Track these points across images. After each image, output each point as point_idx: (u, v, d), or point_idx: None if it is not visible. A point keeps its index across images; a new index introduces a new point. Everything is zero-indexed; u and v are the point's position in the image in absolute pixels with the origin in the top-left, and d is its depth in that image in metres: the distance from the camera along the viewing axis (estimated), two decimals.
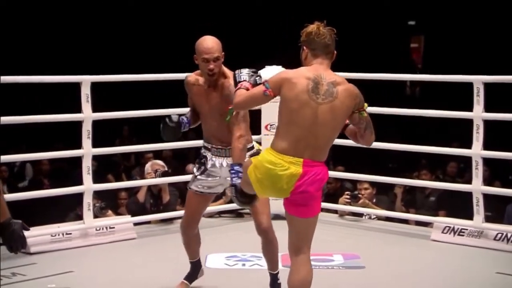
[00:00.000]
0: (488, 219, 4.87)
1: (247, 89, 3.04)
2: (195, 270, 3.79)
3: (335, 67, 3.11)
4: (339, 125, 2.95)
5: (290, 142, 2.88)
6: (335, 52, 2.99)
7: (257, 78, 3.13)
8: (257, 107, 5.23)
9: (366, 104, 2.97)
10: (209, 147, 3.56)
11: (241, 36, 12.02)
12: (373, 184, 5.69)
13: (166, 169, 5.49)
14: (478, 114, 4.62)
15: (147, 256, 4.50)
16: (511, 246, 4.55)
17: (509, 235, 4.59)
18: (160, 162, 5.62)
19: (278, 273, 3.58)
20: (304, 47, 2.97)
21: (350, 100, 2.90)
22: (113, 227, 4.83)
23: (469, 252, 4.60)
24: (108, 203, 5.41)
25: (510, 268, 4.20)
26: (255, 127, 5.36)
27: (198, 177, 3.57)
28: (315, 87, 2.87)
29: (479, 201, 4.66)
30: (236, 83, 3.12)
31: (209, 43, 3.41)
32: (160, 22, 12.90)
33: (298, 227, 2.97)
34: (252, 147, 3.50)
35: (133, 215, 5.18)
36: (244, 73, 3.13)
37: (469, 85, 4.67)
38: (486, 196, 4.75)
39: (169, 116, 3.61)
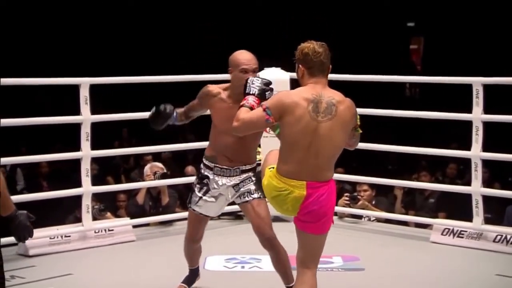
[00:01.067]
0: (487, 221, 4.86)
1: (252, 107, 2.98)
2: (194, 275, 3.79)
3: (335, 70, 3.12)
4: (340, 143, 2.91)
5: (293, 165, 2.87)
6: (330, 66, 2.97)
7: (267, 92, 3.07)
8: None
9: (358, 121, 2.98)
10: (211, 166, 3.45)
11: (241, 36, 12.02)
12: (372, 185, 5.68)
13: (165, 171, 5.48)
14: (477, 115, 4.61)
15: (146, 258, 4.49)
16: (510, 248, 4.55)
17: (508, 237, 4.59)
18: (159, 164, 5.62)
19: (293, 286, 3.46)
20: (300, 66, 2.94)
21: (350, 117, 2.90)
22: (112, 230, 4.82)
23: (469, 254, 4.59)
24: (107, 205, 5.40)
25: (509, 270, 4.19)
26: None
27: (204, 198, 3.47)
28: (315, 106, 2.85)
29: (478, 203, 4.65)
30: (244, 93, 3.06)
31: (248, 55, 3.39)
32: (159, 23, 12.90)
33: (306, 242, 2.96)
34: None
35: (132, 217, 5.17)
36: (256, 85, 3.06)
37: (469, 87, 4.67)
38: (486, 198, 4.74)
39: (164, 105, 3.57)
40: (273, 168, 2.95)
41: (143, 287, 3.94)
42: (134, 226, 5.00)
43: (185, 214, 5.44)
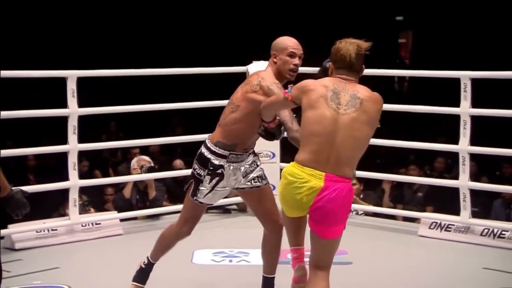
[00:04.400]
0: (475, 214, 4.89)
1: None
2: (149, 272, 3.58)
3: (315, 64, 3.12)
4: (364, 138, 2.82)
5: (311, 154, 2.79)
6: (363, 66, 2.91)
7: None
8: None
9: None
10: (225, 154, 3.27)
11: (240, 35, 12.00)
12: (360, 179, 5.69)
13: (152, 164, 5.46)
14: (465, 109, 4.62)
15: (133, 252, 4.46)
16: (497, 242, 4.57)
17: (495, 230, 4.61)
18: (146, 157, 5.59)
19: (274, 277, 3.49)
20: (330, 63, 2.93)
21: (377, 112, 2.84)
22: (99, 223, 4.80)
23: (456, 247, 4.61)
24: (93, 199, 5.38)
25: (496, 263, 4.21)
26: None
27: (215, 189, 3.28)
28: (335, 96, 2.79)
29: (466, 197, 4.67)
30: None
31: (294, 39, 3.27)
32: (150, 17, 12.84)
33: (318, 247, 2.90)
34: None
35: (119, 211, 5.15)
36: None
37: (457, 81, 4.68)
38: (473, 192, 4.75)
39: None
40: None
41: (130, 280, 3.92)
42: (122, 220, 4.99)
43: (173, 207, 5.45)
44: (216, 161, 3.26)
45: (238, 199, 5.47)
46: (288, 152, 5.71)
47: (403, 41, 13.91)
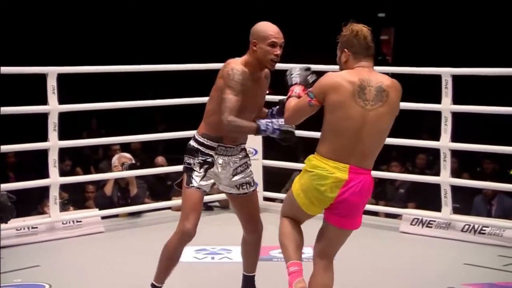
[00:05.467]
0: (456, 210, 4.91)
1: (299, 96, 2.88)
2: None
3: (309, 61, 3.09)
4: (387, 128, 2.81)
5: (335, 147, 2.75)
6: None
7: (309, 77, 2.96)
8: None
9: None
10: (214, 145, 3.18)
11: (224, 32, 11.97)
12: None
13: (133, 161, 5.43)
14: (446, 106, 4.64)
15: (114, 250, 4.45)
16: (478, 237, 4.60)
17: (476, 226, 4.64)
18: (127, 155, 5.55)
19: (254, 275, 3.47)
20: (345, 50, 2.79)
21: (398, 98, 2.79)
22: (80, 221, 4.77)
23: (437, 243, 4.63)
24: (74, 197, 5.34)
25: (477, 259, 4.24)
26: None
27: (207, 175, 3.17)
28: (362, 92, 2.72)
29: (447, 193, 4.69)
30: (287, 87, 2.94)
31: (275, 27, 3.10)
32: (133, 13, 12.77)
33: (333, 236, 2.88)
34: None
35: (100, 208, 5.12)
36: (295, 74, 2.94)
37: (438, 78, 4.70)
38: (454, 188, 4.78)
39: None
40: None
41: (111, 278, 3.90)
42: (103, 218, 4.95)
43: (154, 205, 5.43)
44: (205, 151, 3.19)
45: (221, 196, 5.47)
46: (270, 148, 5.73)
47: (385, 38, 13.95)
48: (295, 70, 2.98)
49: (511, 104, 4.66)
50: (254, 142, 5.23)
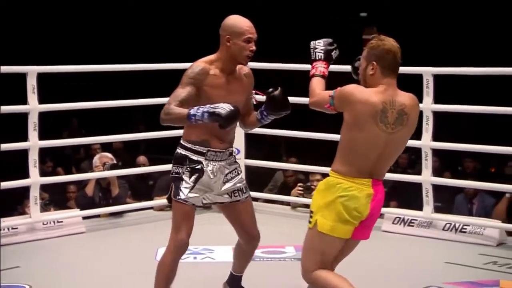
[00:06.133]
0: (437, 209, 4.94)
1: (323, 75, 2.83)
2: None
3: (290, 61, 3.07)
4: (405, 144, 2.78)
5: (357, 168, 2.70)
6: None
7: (333, 53, 2.88)
8: None
9: None
10: (203, 151, 3.03)
11: (205, 31, 11.92)
12: (325, 175, 5.70)
13: (114, 161, 5.39)
14: (427, 105, 4.66)
15: (96, 250, 4.42)
16: (459, 236, 4.63)
17: (457, 225, 4.67)
18: (108, 154, 5.51)
19: (242, 276, 3.42)
20: (374, 62, 2.70)
21: (417, 114, 2.76)
22: (61, 221, 4.73)
23: (419, 242, 4.65)
24: (55, 197, 5.29)
25: (458, 257, 4.27)
26: None
27: (197, 186, 3.02)
28: (384, 115, 2.65)
29: (428, 192, 4.71)
30: (311, 60, 2.85)
31: (248, 21, 2.97)
32: (114, 11, 12.69)
33: (351, 247, 2.87)
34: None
35: (82, 208, 5.08)
36: (320, 49, 2.83)
37: (420, 77, 4.71)
38: (436, 187, 4.80)
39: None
40: None
41: (93, 279, 3.87)
42: (84, 218, 4.92)
43: (136, 205, 5.40)
44: (194, 157, 3.03)
45: None
46: (253, 148, 5.72)
47: (367, 37, 13.99)
48: (319, 44, 2.88)
49: (492, 103, 4.70)
50: (237, 142, 5.20)
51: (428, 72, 4.67)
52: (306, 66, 4.90)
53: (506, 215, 4.93)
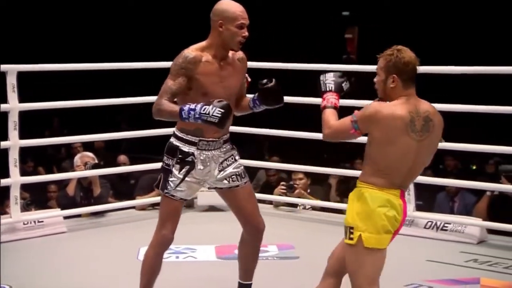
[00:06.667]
0: (419, 207, 4.96)
1: (335, 106, 2.77)
2: None
3: (272, 59, 3.05)
4: (433, 154, 2.76)
5: (390, 180, 2.66)
6: None
7: (343, 84, 2.83)
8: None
9: None
10: (195, 140, 2.97)
11: (187, 30, 11.89)
12: (307, 174, 5.72)
13: (96, 161, 5.35)
14: None
15: (77, 250, 4.39)
16: (440, 234, 4.65)
17: (438, 223, 4.69)
18: (89, 154, 5.47)
19: (251, 284, 3.28)
20: (395, 75, 2.66)
21: (441, 123, 2.73)
22: (42, 221, 4.70)
23: (401, 240, 4.61)
24: (35, 198, 5.25)
25: (439, 255, 4.29)
26: None
27: (187, 179, 2.97)
28: (412, 124, 2.64)
29: (410, 190, 4.73)
30: (321, 92, 2.80)
31: (241, 6, 2.91)
32: (97, 9, 12.63)
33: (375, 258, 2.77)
34: None
35: (63, 208, 5.04)
36: (330, 80, 2.79)
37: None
38: (417, 185, 4.82)
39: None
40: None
41: (74, 279, 3.85)
42: (65, 218, 4.89)
43: (118, 204, 5.37)
44: (185, 148, 2.97)
45: None
46: (236, 146, 5.70)
47: (350, 36, 14.04)
48: (329, 76, 2.84)
49: (472, 101, 4.73)
50: None
51: None
52: (283, 65, 4.86)
53: (487, 213, 4.96)
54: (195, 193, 3.10)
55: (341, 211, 5.57)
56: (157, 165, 5.34)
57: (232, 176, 3.06)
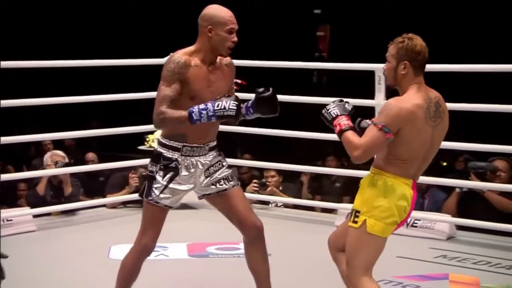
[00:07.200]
0: None
1: (351, 127, 2.71)
2: None
3: (244, 56, 3.02)
4: (441, 142, 2.78)
5: (405, 169, 2.69)
6: None
7: (346, 106, 2.79)
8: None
9: None
10: (178, 146, 2.93)
11: (160, 27, 11.83)
12: (280, 172, 5.73)
13: (66, 160, 5.29)
14: (379, 101, 4.71)
15: (47, 249, 4.35)
16: (410, 231, 4.69)
17: (408, 220, 4.73)
18: (60, 152, 5.40)
19: None
20: (407, 62, 2.67)
21: (447, 111, 2.75)
22: (11, 220, 4.63)
23: None
24: (5, 196, 5.17)
25: (409, 251, 4.33)
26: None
27: (170, 185, 2.93)
28: (428, 112, 2.66)
29: None
30: (329, 122, 2.77)
31: (229, 11, 2.90)
32: (67, 5, 12.49)
33: (382, 246, 2.80)
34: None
35: (32, 207, 4.98)
36: (332, 107, 2.76)
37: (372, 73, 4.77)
38: None
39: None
40: None
41: (44, 278, 3.81)
42: (35, 216, 4.83)
43: (89, 202, 5.32)
44: (168, 154, 2.94)
45: None
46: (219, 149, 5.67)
47: (321, 34, 14.10)
48: (330, 106, 2.80)
49: (448, 99, 4.77)
50: None
51: (380, 68, 4.70)
52: (265, 63, 4.85)
53: (456, 209, 5.01)
54: (180, 199, 3.01)
55: (313, 209, 5.61)
56: (128, 163, 5.37)
57: (220, 181, 3.02)
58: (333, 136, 5.26)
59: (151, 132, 5.45)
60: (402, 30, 2.87)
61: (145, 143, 5.52)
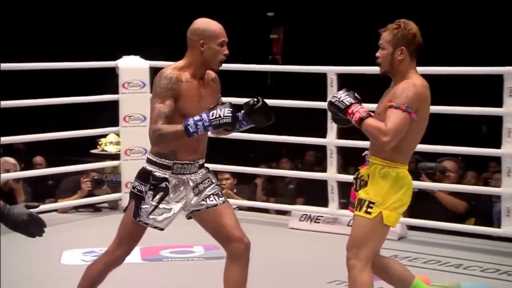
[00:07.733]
0: (343, 206, 5.05)
1: (369, 114, 2.69)
2: None
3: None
4: None
5: (407, 156, 2.76)
6: None
7: (355, 94, 2.77)
8: (113, 99, 5.12)
9: None
10: (169, 164, 2.88)
11: (111, 30, 11.72)
12: (233, 174, 5.74)
13: (18, 168, 5.16)
14: None
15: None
16: None
17: None
18: (11, 160, 5.22)
19: None
20: (404, 48, 2.69)
21: None
22: None
23: (325, 238, 4.75)
24: None
25: None
26: (114, 119, 5.23)
27: (160, 206, 2.86)
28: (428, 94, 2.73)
29: (333, 189, 4.82)
30: (342, 111, 2.73)
31: (219, 24, 2.90)
32: (18, 8, 12.25)
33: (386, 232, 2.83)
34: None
35: None
36: (343, 96, 2.74)
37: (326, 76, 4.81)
38: (341, 184, 4.91)
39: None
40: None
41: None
42: None
43: (40, 207, 5.20)
44: (158, 173, 2.87)
45: (109, 197, 5.35)
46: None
47: (275, 37, 14.16)
48: (340, 94, 2.75)
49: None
50: (144, 141, 5.16)
51: (331, 71, 4.79)
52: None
53: (407, 210, 5.09)
54: (170, 220, 2.94)
55: (267, 211, 5.63)
56: (80, 167, 5.28)
57: (209, 196, 2.96)
58: (285, 138, 5.34)
59: (104, 136, 5.39)
60: (353, 32, 2.92)
61: (98, 146, 5.45)
